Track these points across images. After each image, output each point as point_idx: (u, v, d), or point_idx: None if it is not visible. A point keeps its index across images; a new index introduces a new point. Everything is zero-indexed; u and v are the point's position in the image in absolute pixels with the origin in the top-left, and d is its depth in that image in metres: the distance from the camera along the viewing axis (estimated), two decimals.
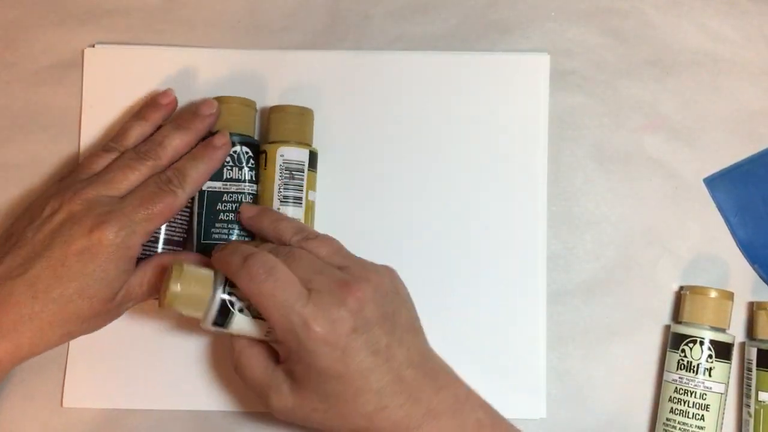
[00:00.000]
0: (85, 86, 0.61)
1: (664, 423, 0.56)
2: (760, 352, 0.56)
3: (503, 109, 0.61)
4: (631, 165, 0.61)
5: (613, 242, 0.60)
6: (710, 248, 0.60)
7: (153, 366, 0.59)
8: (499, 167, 0.60)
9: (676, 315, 0.59)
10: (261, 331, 0.51)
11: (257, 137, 0.60)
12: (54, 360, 0.59)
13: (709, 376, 0.55)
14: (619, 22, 0.62)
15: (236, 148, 0.57)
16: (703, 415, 0.55)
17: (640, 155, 0.61)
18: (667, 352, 0.57)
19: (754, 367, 0.56)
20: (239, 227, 0.56)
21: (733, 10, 0.62)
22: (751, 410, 0.56)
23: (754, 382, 0.56)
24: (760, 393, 0.55)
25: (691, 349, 0.56)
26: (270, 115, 0.58)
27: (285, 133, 0.57)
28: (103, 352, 0.59)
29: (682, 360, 0.56)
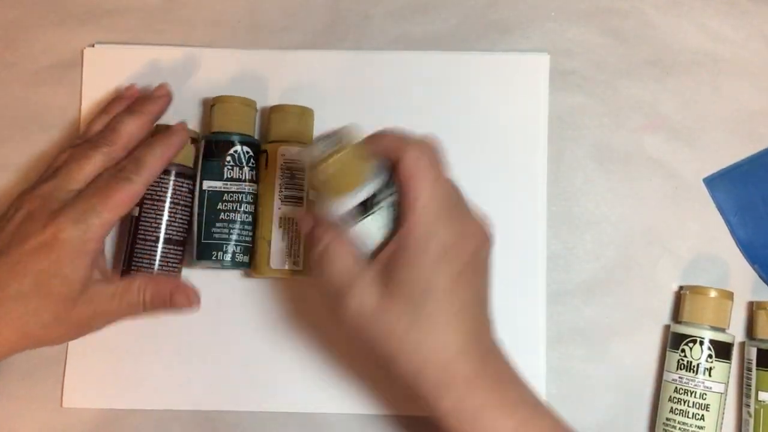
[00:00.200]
0: (85, 86, 0.61)
1: (664, 423, 0.56)
2: (759, 351, 0.56)
3: (503, 109, 0.61)
4: (631, 165, 0.61)
5: (613, 242, 0.60)
6: (710, 248, 0.60)
7: (153, 366, 0.59)
8: (499, 167, 0.60)
9: (676, 315, 0.59)
10: (379, 236, 0.48)
11: (257, 137, 0.60)
12: (54, 360, 0.59)
13: (709, 375, 0.55)
14: (619, 22, 0.62)
15: (237, 148, 0.57)
16: (703, 415, 0.55)
17: (640, 155, 0.61)
18: (667, 352, 0.57)
19: (753, 366, 0.56)
20: (240, 227, 0.56)
21: (733, 10, 0.62)
22: (751, 410, 0.56)
23: (754, 382, 0.56)
24: (760, 393, 0.55)
25: (691, 349, 0.56)
26: (270, 115, 0.58)
27: (286, 132, 0.57)
28: (103, 352, 0.59)
29: (682, 360, 0.56)
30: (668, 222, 0.60)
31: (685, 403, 0.55)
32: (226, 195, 0.56)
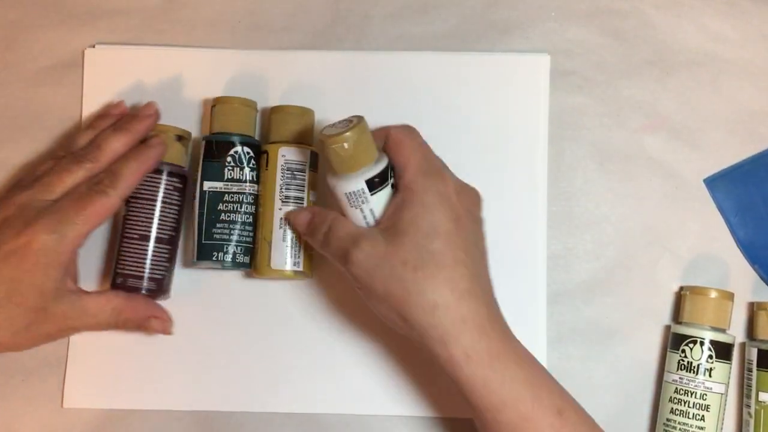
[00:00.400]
0: (85, 86, 0.61)
1: (664, 423, 0.56)
2: (760, 352, 0.56)
3: (503, 109, 0.61)
4: (631, 165, 0.61)
5: (613, 242, 0.60)
6: (710, 248, 0.60)
7: (153, 366, 0.59)
8: (499, 167, 0.60)
9: (676, 315, 0.59)
10: (382, 212, 0.50)
11: (258, 138, 0.60)
12: (54, 360, 0.59)
13: (710, 376, 0.55)
14: (619, 22, 0.62)
15: (237, 149, 0.57)
16: (703, 416, 0.55)
17: (640, 155, 0.61)
18: (668, 353, 0.57)
19: (754, 367, 0.56)
20: (241, 227, 0.56)
21: (733, 10, 0.62)
22: (752, 410, 0.56)
23: (754, 383, 0.56)
24: (760, 393, 0.55)
25: (691, 350, 0.56)
26: (271, 116, 0.58)
27: (286, 133, 0.57)
28: (103, 352, 0.59)
29: (683, 360, 0.56)
30: (668, 222, 0.60)
31: (685, 403, 0.55)
32: (227, 196, 0.56)
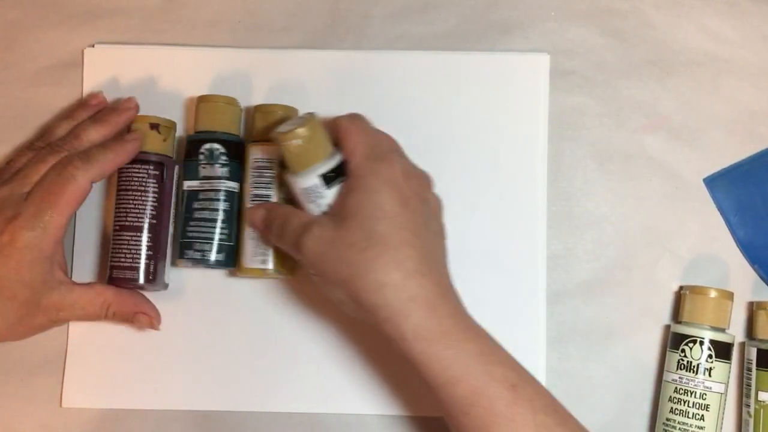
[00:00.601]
0: (85, 86, 0.61)
1: (664, 423, 0.56)
2: (759, 352, 0.56)
3: (503, 108, 0.61)
4: (631, 165, 0.61)
5: (613, 242, 0.60)
6: (710, 248, 0.60)
7: (152, 366, 0.59)
8: (499, 167, 0.60)
9: (676, 315, 0.59)
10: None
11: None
12: (53, 360, 0.59)
13: (709, 376, 0.55)
14: (619, 22, 0.62)
15: (207, 145, 0.57)
16: (703, 415, 0.55)
17: (640, 155, 0.61)
18: (667, 352, 0.57)
19: (754, 367, 0.56)
20: (213, 225, 0.56)
21: (733, 10, 0.62)
22: (751, 410, 0.56)
23: (754, 382, 0.56)
24: (760, 393, 0.55)
25: (691, 349, 0.56)
26: (254, 114, 0.58)
27: (262, 131, 0.57)
28: (103, 352, 0.59)
29: (682, 360, 0.56)
30: (668, 222, 0.60)
31: (685, 403, 0.55)
32: (201, 194, 0.56)
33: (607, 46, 0.62)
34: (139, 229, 0.56)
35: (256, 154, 0.57)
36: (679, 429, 0.55)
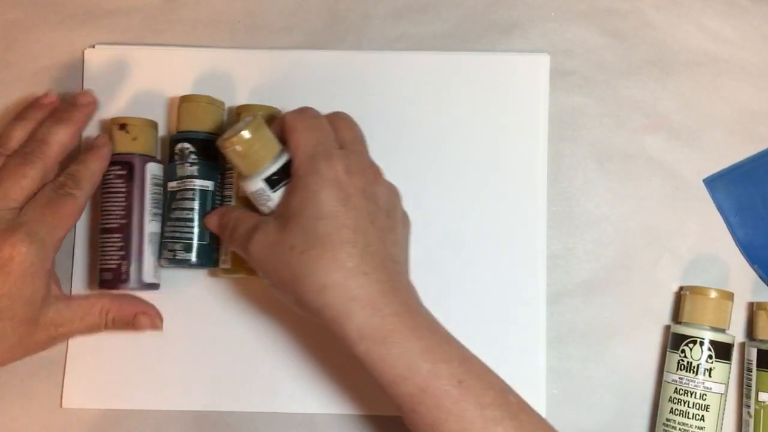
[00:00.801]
0: (85, 86, 0.61)
1: (664, 423, 0.56)
2: (760, 352, 0.56)
3: (503, 109, 0.61)
4: (631, 165, 0.61)
5: (613, 242, 0.60)
6: (710, 248, 0.60)
7: (153, 366, 0.59)
8: (499, 167, 0.60)
9: (676, 315, 0.59)
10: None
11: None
12: (53, 360, 0.59)
13: (709, 376, 0.55)
14: (619, 22, 0.62)
15: (179, 145, 0.57)
16: (703, 416, 0.55)
17: (640, 155, 0.61)
18: (667, 353, 0.57)
19: (754, 367, 0.56)
20: (183, 224, 0.56)
21: (733, 10, 0.62)
22: (751, 410, 0.56)
23: (754, 383, 0.56)
24: (760, 393, 0.55)
25: (691, 350, 0.56)
26: (236, 115, 0.58)
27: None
28: (103, 352, 0.59)
29: (682, 360, 0.56)
30: (668, 222, 0.60)
31: (685, 403, 0.55)
32: (178, 194, 0.56)
33: (607, 46, 0.62)
34: (111, 230, 0.56)
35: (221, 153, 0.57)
36: (679, 429, 0.55)
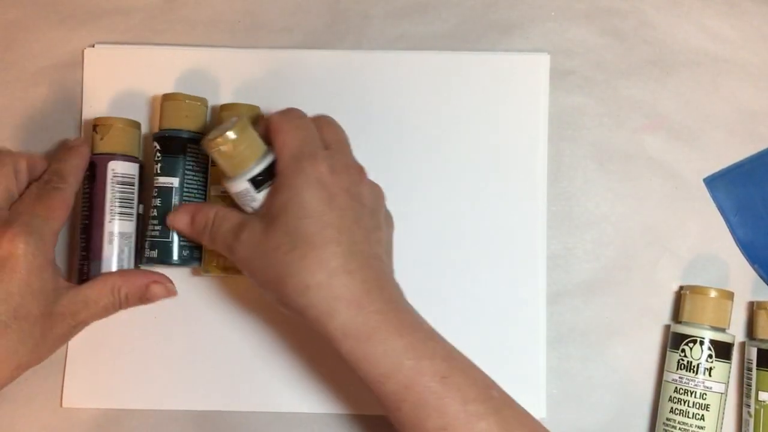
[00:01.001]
0: (85, 86, 0.61)
1: (664, 423, 0.56)
2: (760, 351, 0.56)
3: (503, 109, 0.61)
4: (631, 165, 0.61)
5: (613, 242, 0.60)
6: (710, 248, 0.60)
7: (153, 366, 0.59)
8: (499, 167, 0.60)
9: (676, 315, 0.59)
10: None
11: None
12: (53, 360, 0.59)
13: (709, 375, 0.55)
14: (619, 22, 0.62)
15: (154, 143, 0.57)
16: (703, 415, 0.55)
17: (640, 155, 0.61)
18: (667, 352, 0.57)
19: (754, 366, 0.56)
20: (149, 222, 0.56)
21: (733, 10, 0.62)
22: (751, 410, 0.56)
23: (754, 382, 0.56)
24: (760, 393, 0.55)
25: (691, 349, 0.56)
26: (220, 113, 0.58)
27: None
28: (103, 352, 0.59)
29: (682, 360, 0.56)
30: (668, 222, 0.60)
31: (685, 403, 0.55)
32: (152, 192, 0.57)
33: (607, 46, 0.62)
34: (81, 231, 0.56)
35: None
36: (679, 429, 0.55)
